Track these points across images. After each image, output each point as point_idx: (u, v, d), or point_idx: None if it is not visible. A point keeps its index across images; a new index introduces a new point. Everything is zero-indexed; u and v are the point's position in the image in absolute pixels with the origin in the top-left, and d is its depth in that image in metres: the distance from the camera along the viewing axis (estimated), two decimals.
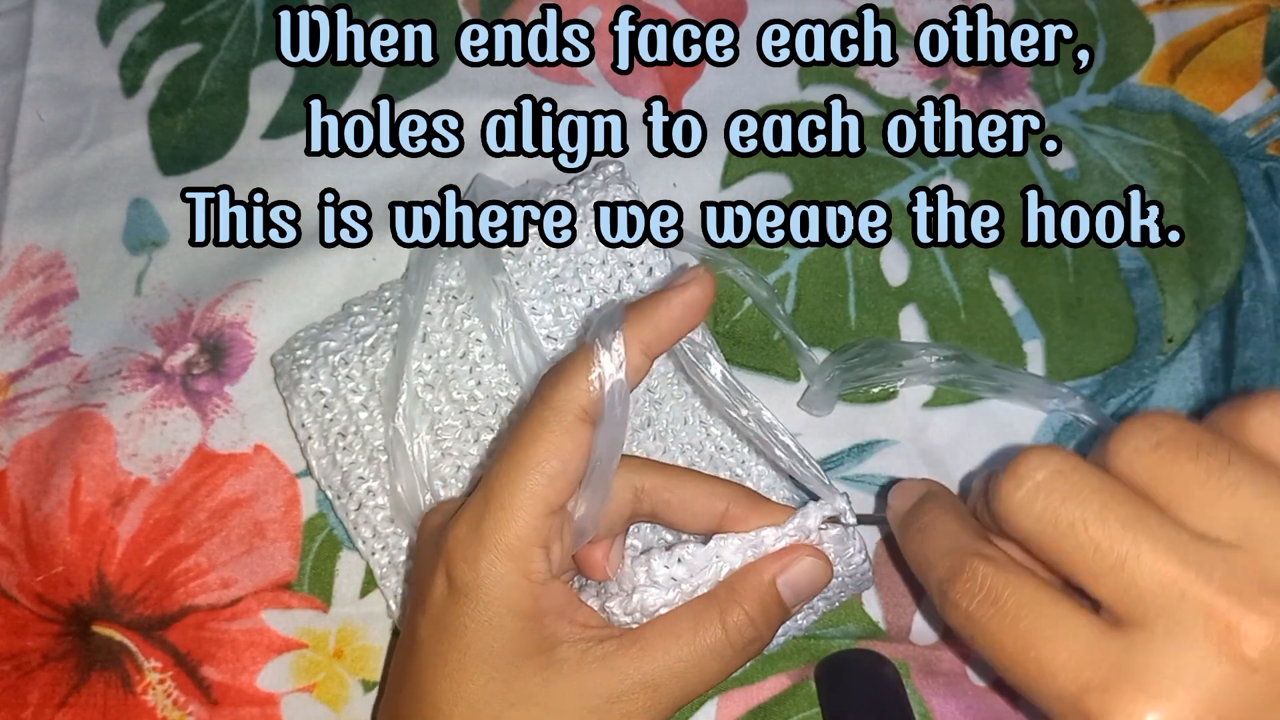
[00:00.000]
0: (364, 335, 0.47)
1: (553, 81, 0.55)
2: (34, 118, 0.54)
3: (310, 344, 0.47)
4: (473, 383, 0.46)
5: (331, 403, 0.46)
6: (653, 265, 0.47)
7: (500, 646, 0.35)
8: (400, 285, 0.48)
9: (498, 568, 0.35)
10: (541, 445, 0.35)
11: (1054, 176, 0.53)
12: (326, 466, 0.46)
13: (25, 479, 0.48)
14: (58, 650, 0.46)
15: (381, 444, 0.46)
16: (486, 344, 0.46)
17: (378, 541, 0.46)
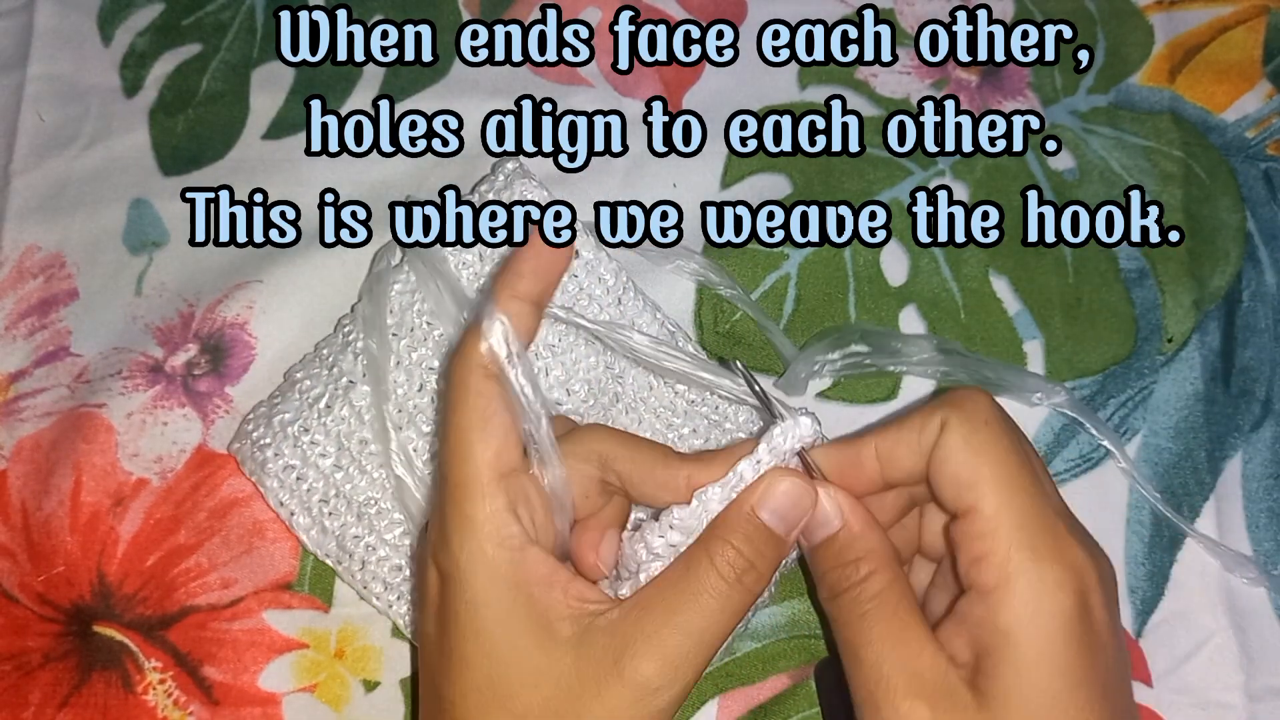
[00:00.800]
0: (315, 398, 0.46)
1: (553, 82, 0.55)
2: (34, 118, 0.54)
3: (264, 422, 0.46)
4: (437, 411, 0.46)
5: (304, 473, 0.46)
6: (578, 247, 0.46)
7: (494, 625, 0.34)
8: (336, 339, 0.47)
9: (470, 543, 0.35)
10: (457, 415, 0.36)
11: (1054, 176, 0.53)
12: (318, 537, 0.46)
13: (26, 479, 0.48)
14: (59, 650, 0.46)
15: (365, 499, 0.45)
16: (440, 369, 0.46)
17: (391, 594, 0.45)
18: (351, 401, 0.46)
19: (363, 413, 0.45)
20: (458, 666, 0.35)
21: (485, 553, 0.35)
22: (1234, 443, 0.48)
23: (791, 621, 0.46)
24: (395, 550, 0.45)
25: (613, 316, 0.47)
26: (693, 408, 0.47)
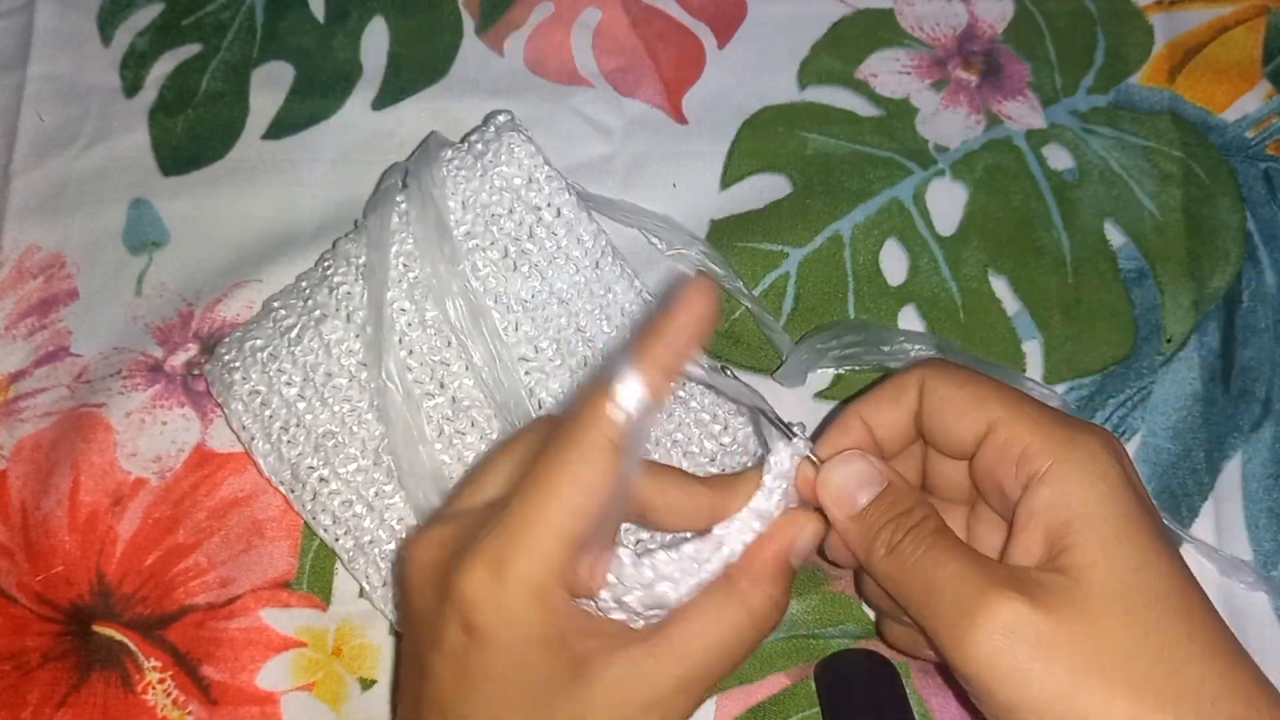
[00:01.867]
0: (287, 328, 0.47)
1: (553, 81, 0.55)
2: (34, 118, 0.55)
3: (236, 346, 0.47)
4: (404, 353, 0.46)
5: (268, 399, 0.46)
6: (559, 205, 0.47)
7: (530, 678, 0.33)
8: (315, 273, 0.48)
9: (521, 607, 0.33)
10: (565, 479, 0.33)
11: (1053, 176, 0.53)
12: (274, 463, 0.46)
13: (25, 479, 0.48)
14: (57, 650, 0.46)
15: (325, 430, 0.46)
16: (411, 312, 0.46)
17: (339, 527, 0.46)
18: (321, 334, 0.46)
19: (330, 346, 0.46)
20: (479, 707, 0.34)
21: (533, 618, 0.33)
22: (1233, 443, 0.48)
23: (790, 621, 0.46)
24: (347, 485, 0.46)
25: (589, 280, 0.47)
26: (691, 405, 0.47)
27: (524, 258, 0.46)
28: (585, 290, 0.47)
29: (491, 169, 0.47)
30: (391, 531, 0.45)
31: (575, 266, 0.47)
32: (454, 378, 0.46)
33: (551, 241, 0.47)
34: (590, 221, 0.47)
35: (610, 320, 0.47)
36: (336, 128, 0.54)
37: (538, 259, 0.47)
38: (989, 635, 0.32)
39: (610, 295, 0.47)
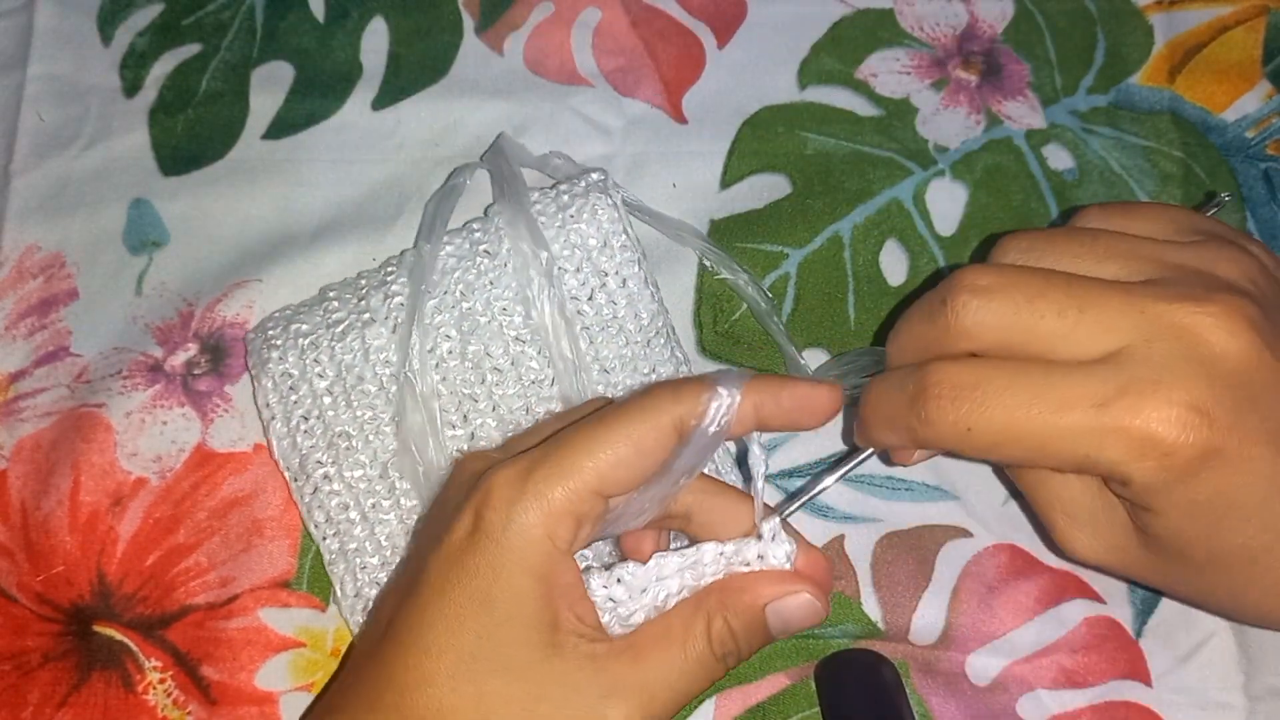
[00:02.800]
0: (336, 321, 0.47)
1: (553, 81, 0.55)
2: (34, 118, 0.55)
3: (283, 325, 0.47)
4: (438, 378, 0.46)
5: (298, 385, 0.46)
6: (627, 276, 0.47)
7: (504, 602, 0.34)
8: (377, 275, 0.48)
9: (530, 518, 0.34)
10: (625, 430, 0.35)
11: (1053, 177, 0.53)
12: (287, 448, 0.46)
13: (25, 479, 0.48)
14: (58, 650, 0.46)
15: (341, 430, 0.46)
16: (455, 339, 0.46)
17: (330, 527, 0.46)
18: (365, 337, 0.46)
19: (370, 351, 0.46)
20: (450, 619, 0.34)
21: (534, 537, 0.34)
22: None
23: None
24: (348, 489, 0.46)
25: (635, 355, 0.47)
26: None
27: (578, 318, 0.47)
28: (630, 364, 0.47)
29: (571, 224, 0.47)
30: (378, 546, 0.46)
31: (626, 339, 0.47)
32: (479, 415, 0.46)
33: (609, 309, 0.47)
34: (653, 300, 0.47)
35: None
36: (336, 128, 0.54)
37: (591, 322, 0.47)
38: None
39: (654, 375, 0.47)
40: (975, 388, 0.33)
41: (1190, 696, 0.45)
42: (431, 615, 0.35)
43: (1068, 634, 0.46)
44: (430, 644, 0.34)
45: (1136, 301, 0.33)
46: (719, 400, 0.35)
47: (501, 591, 0.34)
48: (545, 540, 0.34)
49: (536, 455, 0.35)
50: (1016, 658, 0.45)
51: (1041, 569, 0.47)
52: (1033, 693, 0.45)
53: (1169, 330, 0.32)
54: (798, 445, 0.48)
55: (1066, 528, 0.37)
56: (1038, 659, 0.45)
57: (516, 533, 0.34)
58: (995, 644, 0.45)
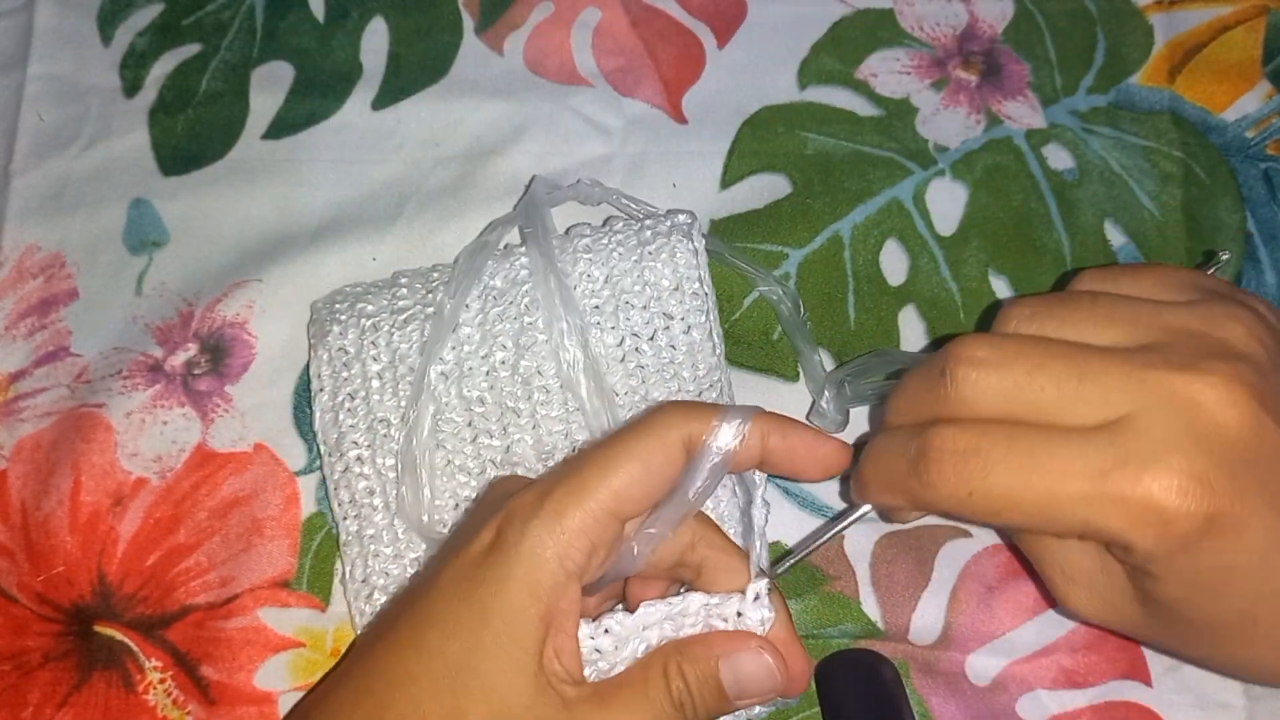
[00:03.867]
0: (401, 308, 0.47)
1: (553, 81, 0.55)
2: (34, 118, 0.55)
3: (350, 301, 0.48)
4: (485, 385, 0.46)
5: (351, 363, 0.47)
6: (692, 325, 0.47)
7: (499, 616, 0.34)
8: (450, 270, 0.48)
9: (542, 538, 0.35)
10: (635, 448, 0.35)
11: (1053, 176, 0.53)
12: (328, 423, 0.47)
13: (25, 479, 0.48)
14: (58, 650, 0.46)
15: (383, 417, 0.46)
16: (510, 350, 0.46)
17: (352, 508, 0.46)
18: (424, 330, 0.46)
19: (427, 345, 0.46)
20: (449, 625, 0.35)
21: (543, 557, 0.35)
22: None
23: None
24: (378, 475, 0.46)
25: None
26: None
27: (635, 355, 0.46)
28: None
29: (647, 260, 0.47)
30: (394, 537, 0.46)
31: (679, 385, 0.47)
32: (519, 430, 0.46)
33: (668, 353, 0.47)
34: (713, 354, 0.47)
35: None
36: (336, 128, 0.54)
37: (648, 361, 0.47)
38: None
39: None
40: (977, 453, 0.33)
41: (1190, 696, 0.45)
42: (433, 616, 0.35)
43: (1067, 634, 0.46)
44: (424, 644, 0.35)
45: (1136, 371, 0.33)
46: (729, 422, 0.36)
47: (500, 605, 0.35)
48: (554, 561, 0.35)
49: (556, 478, 0.36)
50: (1016, 657, 0.45)
51: None
52: (1032, 693, 0.45)
53: (1169, 400, 0.32)
54: None
55: (1066, 588, 0.37)
56: (1037, 659, 0.45)
57: (528, 551, 0.35)
58: (995, 644, 0.45)
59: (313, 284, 0.51)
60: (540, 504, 0.35)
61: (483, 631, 0.34)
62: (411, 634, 0.36)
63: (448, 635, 0.35)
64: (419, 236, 0.52)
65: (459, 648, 0.35)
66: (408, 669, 0.35)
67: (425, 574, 0.38)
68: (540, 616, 0.35)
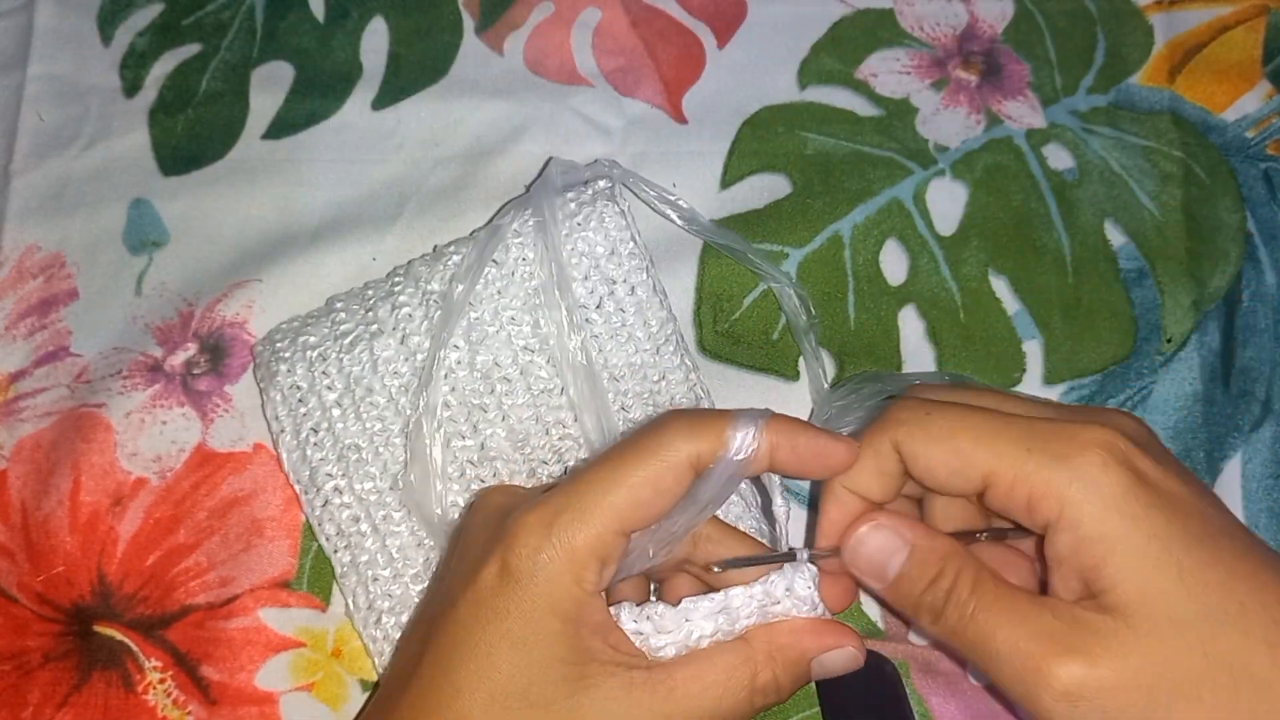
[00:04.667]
0: (344, 333, 0.47)
1: (553, 81, 0.55)
2: (34, 118, 0.55)
3: (291, 337, 0.47)
4: (447, 388, 0.46)
5: (306, 397, 0.46)
6: (635, 284, 0.47)
7: (536, 643, 0.35)
8: (384, 285, 0.48)
9: (555, 565, 0.35)
10: (641, 470, 0.35)
11: (1053, 176, 0.53)
12: (296, 461, 0.46)
13: (25, 479, 0.48)
14: (58, 650, 0.46)
15: (351, 443, 0.46)
16: (464, 349, 0.46)
17: (340, 540, 0.46)
18: (373, 349, 0.46)
19: (379, 363, 0.46)
20: (482, 659, 0.35)
21: (561, 583, 0.35)
22: (1233, 443, 0.48)
23: None
24: (359, 502, 0.46)
25: (645, 363, 0.47)
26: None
27: (587, 326, 0.46)
28: (639, 372, 0.47)
29: (578, 231, 0.47)
30: (390, 559, 0.45)
31: (635, 347, 0.47)
32: (489, 425, 0.46)
33: (618, 317, 0.47)
34: (661, 307, 0.47)
35: (658, 407, 0.47)
36: (336, 128, 0.54)
37: (600, 330, 0.47)
38: (1056, 705, 0.33)
39: (663, 383, 0.47)
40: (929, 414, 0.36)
41: None
42: (463, 654, 0.35)
43: None
44: (462, 683, 0.35)
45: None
46: (737, 439, 0.36)
47: (534, 634, 0.35)
48: (573, 585, 0.35)
49: (559, 501, 0.36)
50: None
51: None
52: None
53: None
54: None
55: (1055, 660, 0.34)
56: None
57: (545, 579, 0.35)
58: None
59: (313, 284, 0.51)
60: (548, 531, 0.35)
61: (521, 658, 0.35)
62: (444, 674, 0.35)
63: (484, 669, 0.35)
64: (419, 236, 0.52)
65: (501, 678, 0.35)
66: (451, 711, 0.35)
67: (437, 607, 0.38)
68: (575, 635, 0.35)
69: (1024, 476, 0.34)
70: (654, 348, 0.47)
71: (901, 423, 0.37)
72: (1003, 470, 0.35)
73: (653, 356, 0.47)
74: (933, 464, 0.36)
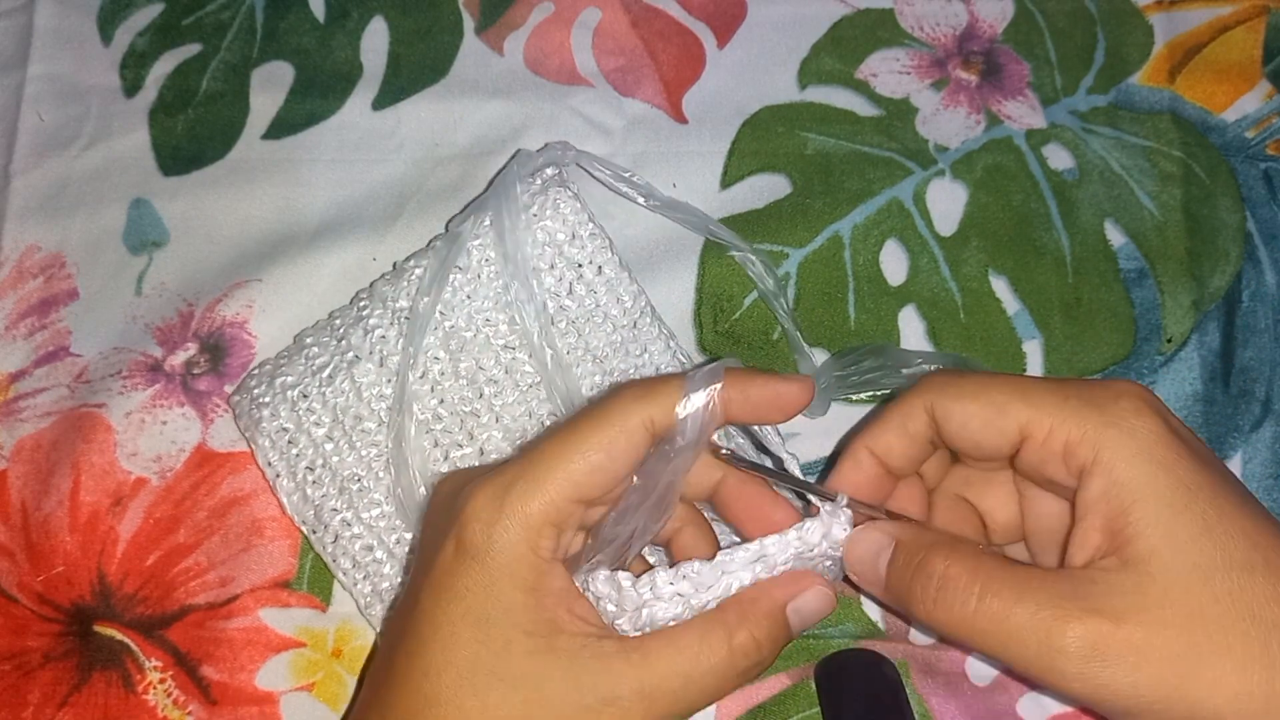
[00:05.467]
0: (320, 367, 0.46)
1: (553, 81, 0.55)
2: (34, 118, 0.55)
3: (267, 381, 0.47)
4: (435, 401, 0.46)
5: (296, 438, 0.46)
6: (601, 264, 0.47)
7: (498, 615, 0.34)
8: (350, 312, 0.48)
9: (510, 534, 0.35)
10: (594, 436, 0.35)
11: (1053, 176, 0.53)
12: (298, 502, 0.46)
13: (25, 479, 0.48)
14: (59, 650, 0.46)
15: (350, 474, 0.46)
16: (445, 361, 0.46)
17: (359, 572, 0.46)
18: (354, 376, 0.46)
19: (362, 390, 0.46)
20: (445, 640, 0.35)
21: (517, 551, 0.35)
22: (1233, 443, 0.48)
23: None
24: (369, 530, 0.46)
25: (625, 339, 0.47)
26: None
27: (562, 313, 0.47)
28: (621, 349, 0.47)
29: (535, 222, 0.46)
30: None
31: (613, 325, 0.47)
32: (483, 429, 0.46)
33: (591, 299, 0.47)
34: (631, 281, 0.47)
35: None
36: (336, 128, 0.54)
37: (576, 315, 0.47)
38: (1079, 670, 0.32)
39: (646, 355, 0.47)
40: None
41: None
42: (426, 638, 0.35)
43: None
44: (429, 666, 0.35)
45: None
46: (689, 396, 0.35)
47: (495, 608, 0.35)
48: (530, 553, 0.35)
49: (512, 471, 0.36)
50: None
51: None
52: (1033, 692, 0.45)
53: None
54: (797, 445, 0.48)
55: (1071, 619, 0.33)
56: None
57: (500, 550, 0.35)
58: None
59: (313, 284, 0.51)
60: (501, 503, 0.35)
61: (484, 633, 0.34)
62: (412, 660, 0.35)
63: (448, 649, 0.35)
64: (419, 236, 0.52)
65: (465, 655, 0.34)
66: (422, 694, 0.35)
67: (405, 600, 0.38)
68: (537, 605, 0.35)
69: (1061, 422, 0.34)
70: (630, 323, 0.47)
71: (934, 384, 0.37)
72: (1040, 419, 0.34)
73: (631, 331, 0.47)
74: (968, 418, 0.36)
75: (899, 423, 0.37)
